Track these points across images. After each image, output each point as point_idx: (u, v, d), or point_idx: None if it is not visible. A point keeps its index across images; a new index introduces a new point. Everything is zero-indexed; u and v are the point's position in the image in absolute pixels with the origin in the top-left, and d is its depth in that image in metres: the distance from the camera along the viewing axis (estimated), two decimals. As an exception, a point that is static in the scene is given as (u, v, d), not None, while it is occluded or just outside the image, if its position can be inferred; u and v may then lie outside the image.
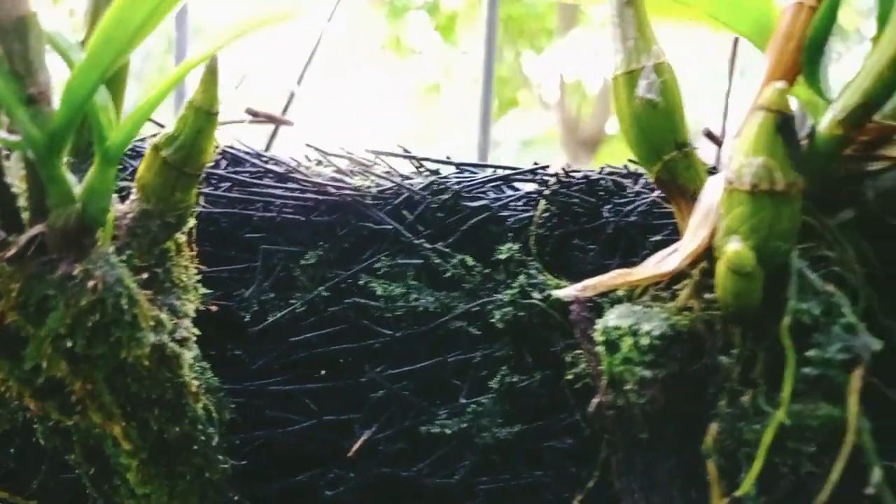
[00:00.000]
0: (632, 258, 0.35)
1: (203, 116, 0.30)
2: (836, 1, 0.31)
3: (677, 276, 0.32)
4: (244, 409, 0.37)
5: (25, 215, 0.29)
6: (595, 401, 0.32)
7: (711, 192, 0.30)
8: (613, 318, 0.30)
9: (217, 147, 0.40)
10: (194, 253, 0.35)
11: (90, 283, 0.27)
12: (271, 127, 0.50)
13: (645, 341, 0.29)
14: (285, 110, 0.50)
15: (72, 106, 0.25)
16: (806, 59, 0.32)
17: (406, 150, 0.40)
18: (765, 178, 0.26)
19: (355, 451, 0.36)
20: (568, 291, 0.32)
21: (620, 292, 0.34)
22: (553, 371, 0.35)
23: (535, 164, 0.39)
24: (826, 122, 0.29)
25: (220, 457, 0.35)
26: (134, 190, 0.32)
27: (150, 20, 0.25)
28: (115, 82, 0.32)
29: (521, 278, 0.35)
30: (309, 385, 0.37)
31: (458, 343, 0.36)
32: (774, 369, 0.29)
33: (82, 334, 0.28)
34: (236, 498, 0.36)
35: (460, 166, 0.39)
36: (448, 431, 0.35)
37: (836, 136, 0.29)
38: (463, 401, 0.36)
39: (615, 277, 0.31)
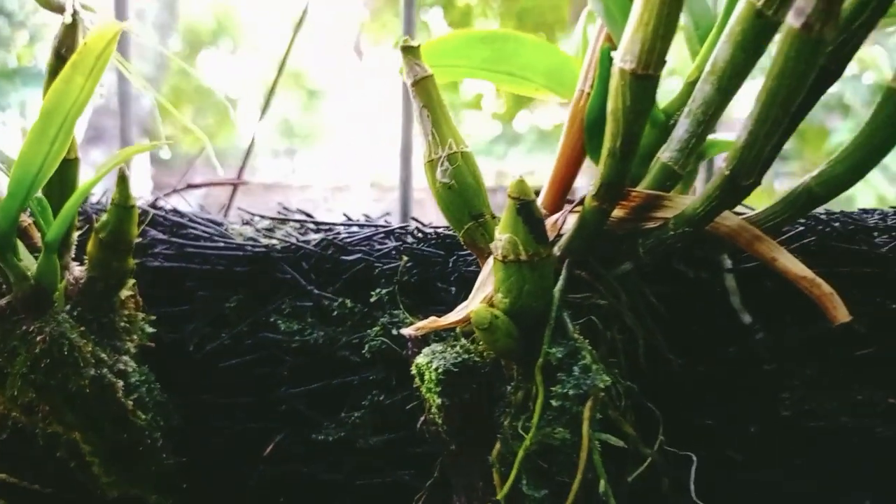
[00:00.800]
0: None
1: (122, 210, 0.41)
2: (605, 89, 0.38)
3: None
4: (189, 418, 0.48)
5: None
6: (421, 419, 0.40)
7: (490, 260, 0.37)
8: (421, 355, 0.38)
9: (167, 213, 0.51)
10: (139, 303, 0.46)
11: (39, 337, 0.39)
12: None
13: (435, 375, 0.37)
14: (241, 171, 0.61)
15: (7, 219, 0.36)
16: (587, 138, 0.39)
17: (308, 215, 0.50)
18: (511, 251, 0.33)
19: (268, 452, 0.46)
20: (404, 331, 0.40)
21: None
22: (411, 392, 0.43)
23: (410, 222, 0.47)
24: (588, 196, 0.36)
25: (165, 455, 0.46)
26: (86, 259, 0.44)
27: (53, 156, 0.35)
28: (61, 178, 0.42)
29: (385, 318, 0.44)
30: (237, 399, 0.48)
31: (343, 369, 0.45)
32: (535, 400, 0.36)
33: (40, 371, 0.40)
34: (184, 486, 0.48)
35: (348, 225, 0.48)
36: (331, 438, 0.45)
37: (595, 207, 0.35)
38: (344, 415, 0.45)
39: (430, 322, 0.39)
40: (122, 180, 0.41)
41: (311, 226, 0.49)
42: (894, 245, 0.39)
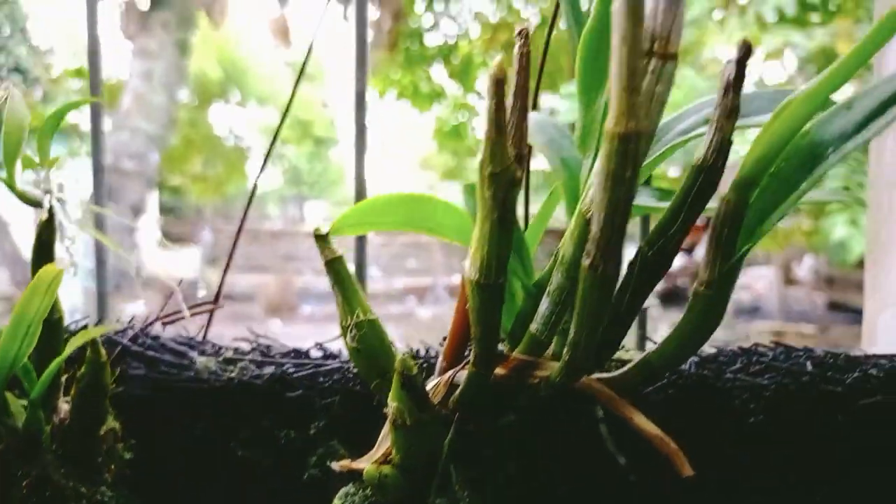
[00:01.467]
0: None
1: (96, 365, 0.49)
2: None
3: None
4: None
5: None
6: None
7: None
8: (337, 496, 0.45)
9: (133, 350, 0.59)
10: (118, 434, 0.54)
11: (25, 482, 0.46)
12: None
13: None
14: (217, 296, 0.68)
15: None
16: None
17: (264, 348, 0.57)
18: (398, 416, 0.40)
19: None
20: (333, 465, 0.47)
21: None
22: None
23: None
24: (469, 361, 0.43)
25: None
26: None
27: (25, 348, 0.43)
28: (48, 337, 0.50)
29: (322, 449, 0.51)
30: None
31: (291, 494, 0.52)
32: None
33: (33, 501, 0.47)
34: None
35: (296, 360, 0.56)
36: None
37: (474, 371, 0.42)
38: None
39: (346, 463, 0.46)
40: (94, 343, 0.48)
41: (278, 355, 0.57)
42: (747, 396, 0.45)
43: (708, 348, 0.49)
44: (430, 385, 0.43)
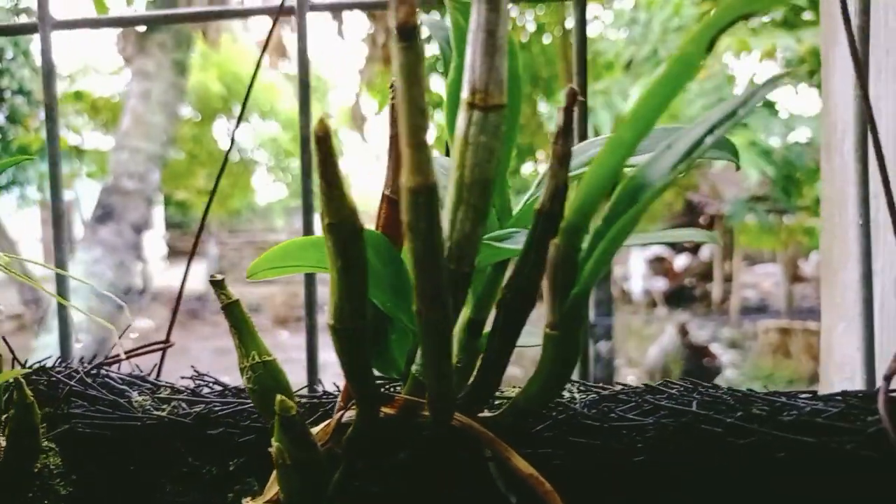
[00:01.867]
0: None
1: (23, 407, 0.51)
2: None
3: None
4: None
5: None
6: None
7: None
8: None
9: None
10: (53, 470, 0.56)
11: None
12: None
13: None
14: (169, 333, 0.71)
15: None
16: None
17: (201, 386, 0.60)
18: (280, 457, 0.42)
19: None
20: (244, 501, 0.49)
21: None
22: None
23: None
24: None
25: None
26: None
27: None
28: None
29: (238, 486, 0.53)
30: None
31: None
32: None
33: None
34: None
35: (222, 398, 0.58)
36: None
37: (359, 412, 0.44)
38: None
39: (252, 501, 0.48)
40: (19, 385, 0.51)
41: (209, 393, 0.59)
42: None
43: (611, 388, 0.51)
44: (321, 426, 0.45)
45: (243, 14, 0.78)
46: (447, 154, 0.49)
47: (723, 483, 0.42)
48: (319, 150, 0.32)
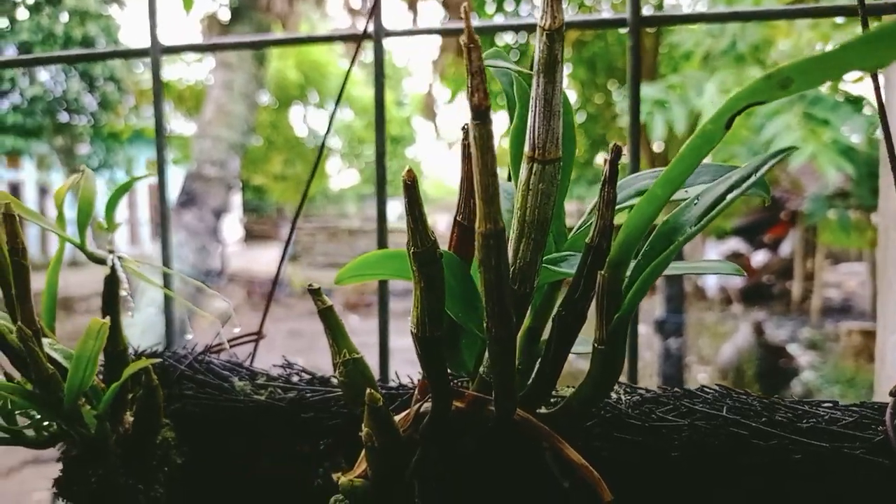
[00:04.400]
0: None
1: (149, 389, 0.61)
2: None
3: None
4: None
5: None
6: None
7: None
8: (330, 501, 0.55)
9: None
10: (171, 441, 0.66)
11: (94, 479, 0.59)
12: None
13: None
14: (261, 327, 0.80)
15: (70, 401, 0.57)
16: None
17: (293, 371, 0.69)
18: (369, 440, 0.50)
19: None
20: (334, 477, 0.58)
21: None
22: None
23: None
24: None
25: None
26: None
27: (88, 375, 0.55)
28: (115, 364, 0.63)
29: (328, 462, 0.61)
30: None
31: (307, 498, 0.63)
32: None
33: (100, 495, 0.60)
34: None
35: (312, 388, 0.67)
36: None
37: (434, 405, 0.51)
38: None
39: (342, 475, 0.56)
40: (147, 370, 0.60)
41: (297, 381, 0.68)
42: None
43: (654, 391, 0.57)
44: (402, 415, 0.53)
45: (328, 40, 0.86)
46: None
47: (748, 479, 0.48)
48: (406, 194, 0.40)
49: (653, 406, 0.53)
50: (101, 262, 0.60)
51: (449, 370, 0.57)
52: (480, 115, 0.33)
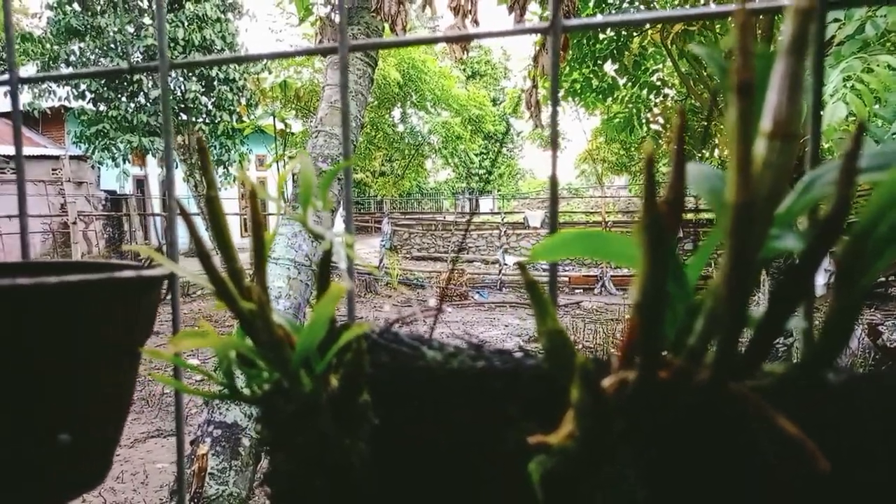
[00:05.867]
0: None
1: (358, 354, 0.67)
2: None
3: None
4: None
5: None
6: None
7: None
8: (532, 461, 0.59)
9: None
10: (369, 404, 0.72)
11: (311, 431, 0.66)
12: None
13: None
14: (440, 305, 0.86)
15: (297, 364, 0.63)
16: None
17: (476, 347, 0.73)
18: (579, 404, 0.54)
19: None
20: (529, 440, 0.62)
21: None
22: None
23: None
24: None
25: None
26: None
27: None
28: (329, 337, 0.70)
29: (518, 427, 0.66)
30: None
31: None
32: None
33: (316, 450, 0.67)
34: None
35: (501, 358, 0.71)
36: None
37: (640, 373, 0.54)
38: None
39: (545, 437, 0.60)
40: (358, 337, 0.67)
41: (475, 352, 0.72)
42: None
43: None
44: (606, 381, 0.56)
45: (300, 54, 0.90)
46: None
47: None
48: (647, 169, 0.43)
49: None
50: (320, 237, 0.67)
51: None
52: (745, 89, 0.36)
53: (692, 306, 0.56)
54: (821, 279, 9.24)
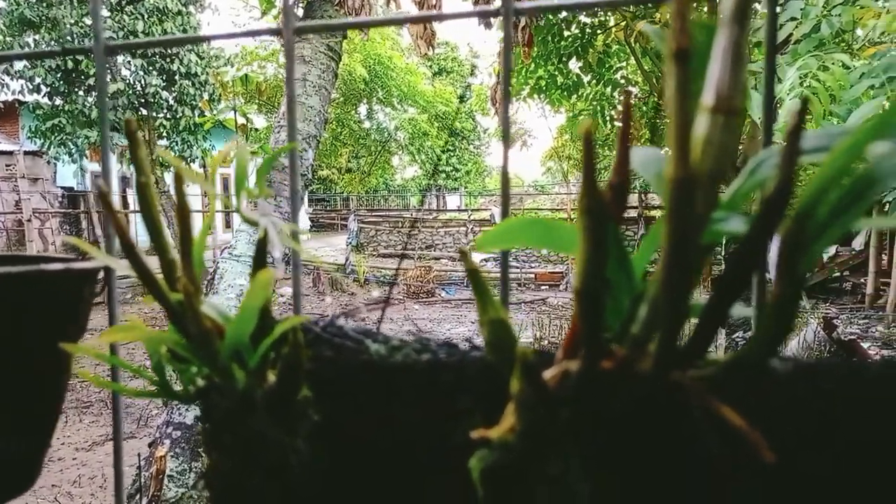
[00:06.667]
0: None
1: (294, 348, 0.64)
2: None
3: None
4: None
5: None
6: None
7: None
8: (474, 456, 0.57)
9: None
10: (310, 400, 0.69)
11: (244, 429, 0.62)
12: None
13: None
14: (388, 296, 0.83)
15: (225, 358, 0.60)
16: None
17: (422, 339, 0.70)
18: (519, 396, 0.51)
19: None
20: (472, 434, 0.59)
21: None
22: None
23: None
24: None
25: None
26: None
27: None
28: (262, 326, 0.66)
29: (464, 421, 0.63)
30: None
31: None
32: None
33: (251, 449, 0.63)
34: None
35: (449, 351, 0.68)
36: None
37: (582, 363, 0.52)
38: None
39: (487, 431, 0.58)
40: (295, 329, 0.63)
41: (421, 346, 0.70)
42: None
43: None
44: (548, 373, 0.54)
45: (247, 34, 0.87)
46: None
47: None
48: (585, 148, 0.40)
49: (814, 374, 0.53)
50: (255, 223, 0.64)
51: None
52: (682, 57, 0.34)
53: (637, 295, 0.54)
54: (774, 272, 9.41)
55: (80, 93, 11.79)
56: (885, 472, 0.50)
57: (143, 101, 11.69)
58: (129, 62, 12.26)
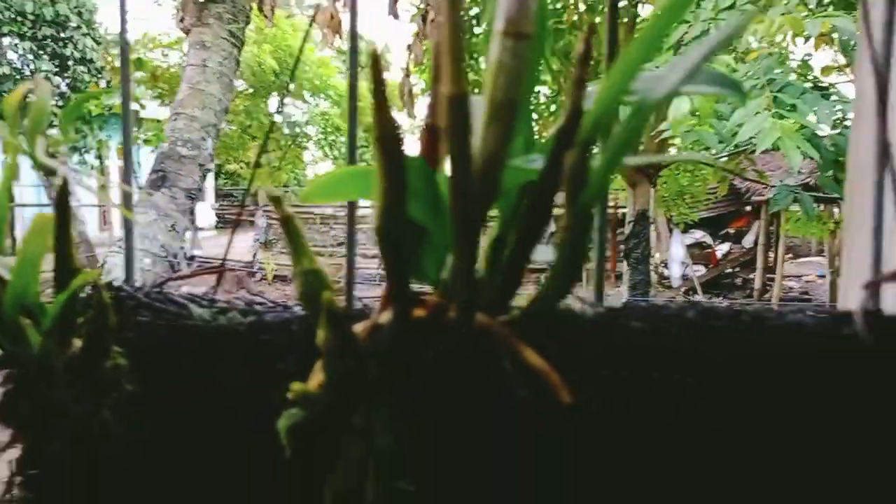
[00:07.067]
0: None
1: (100, 308, 0.59)
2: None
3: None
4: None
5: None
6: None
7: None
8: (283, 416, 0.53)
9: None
10: (123, 367, 0.64)
11: (39, 398, 0.57)
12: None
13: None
14: (224, 259, 0.78)
15: (11, 315, 0.54)
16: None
17: (249, 303, 0.66)
18: (325, 345, 0.48)
19: None
20: (287, 393, 0.56)
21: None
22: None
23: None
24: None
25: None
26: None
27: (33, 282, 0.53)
28: (62, 277, 0.60)
29: (286, 381, 0.60)
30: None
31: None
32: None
33: (46, 416, 0.57)
34: None
35: (274, 311, 0.65)
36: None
37: (392, 312, 0.50)
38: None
39: (298, 387, 0.54)
40: (96, 288, 0.58)
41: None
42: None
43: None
44: (359, 325, 0.51)
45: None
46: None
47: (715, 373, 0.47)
48: (373, 72, 0.38)
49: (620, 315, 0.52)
50: (52, 172, 0.58)
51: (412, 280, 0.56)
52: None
53: (446, 242, 0.52)
54: (676, 270, 9.90)
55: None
56: (689, 411, 0.50)
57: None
58: (16, 45, 11.45)
